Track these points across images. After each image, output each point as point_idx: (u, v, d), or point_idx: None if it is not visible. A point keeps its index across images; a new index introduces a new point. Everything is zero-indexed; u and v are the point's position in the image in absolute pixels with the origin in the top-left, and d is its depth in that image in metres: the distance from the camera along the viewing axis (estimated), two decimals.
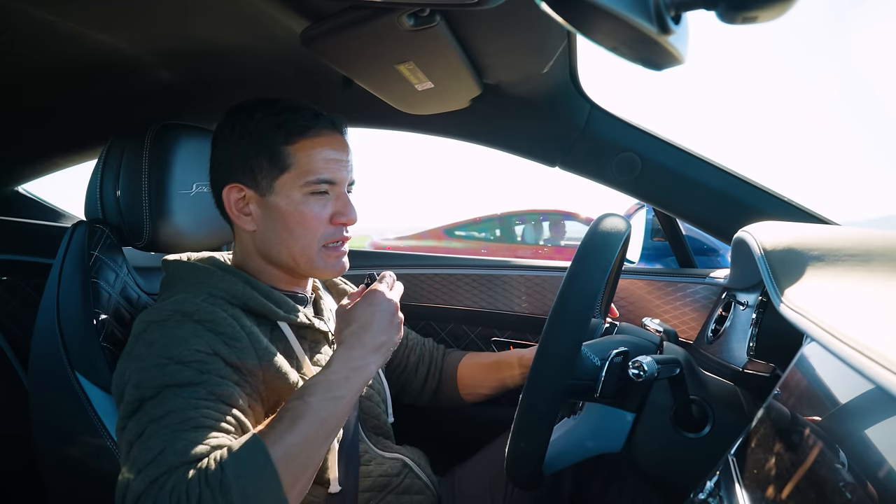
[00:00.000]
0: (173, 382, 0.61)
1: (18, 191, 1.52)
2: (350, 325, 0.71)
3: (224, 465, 0.54)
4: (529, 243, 5.45)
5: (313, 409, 0.62)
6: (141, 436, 0.58)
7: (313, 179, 0.74)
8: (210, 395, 0.61)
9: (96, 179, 0.86)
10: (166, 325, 0.66)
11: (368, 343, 0.69)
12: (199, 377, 0.62)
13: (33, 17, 0.71)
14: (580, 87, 1.01)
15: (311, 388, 0.64)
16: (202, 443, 0.57)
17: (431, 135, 1.16)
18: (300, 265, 0.77)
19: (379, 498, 0.82)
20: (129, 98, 1.05)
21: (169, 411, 0.59)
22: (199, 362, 0.63)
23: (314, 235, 0.75)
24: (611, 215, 0.68)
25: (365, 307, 0.72)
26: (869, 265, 0.52)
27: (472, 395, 1.04)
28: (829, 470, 0.36)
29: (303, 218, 0.74)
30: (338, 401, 0.64)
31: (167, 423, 0.58)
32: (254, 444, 0.57)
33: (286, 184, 0.74)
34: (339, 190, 0.77)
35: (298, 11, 0.69)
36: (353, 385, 0.66)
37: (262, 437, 0.58)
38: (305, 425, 0.60)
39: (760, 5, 0.32)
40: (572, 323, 0.60)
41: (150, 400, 0.60)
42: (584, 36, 0.37)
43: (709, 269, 1.19)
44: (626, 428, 0.68)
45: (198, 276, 0.75)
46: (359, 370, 0.67)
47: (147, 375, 0.62)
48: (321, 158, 0.75)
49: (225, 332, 0.67)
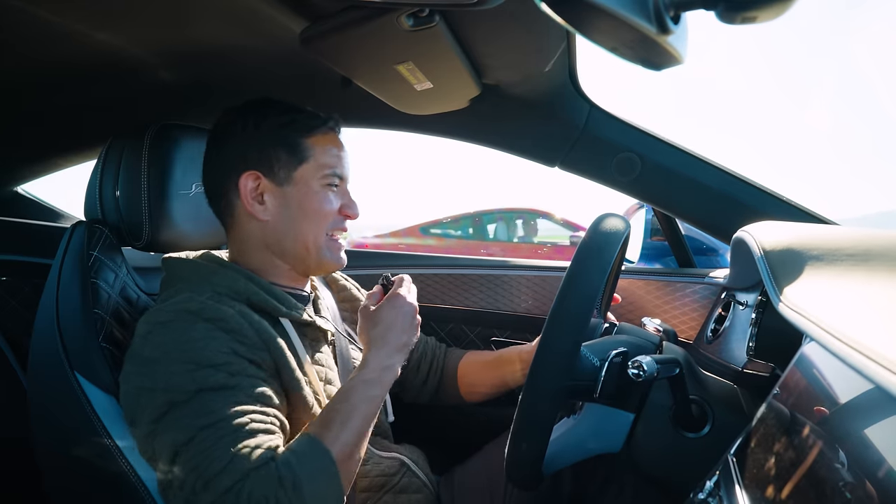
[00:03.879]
0: (207, 386, 0.62)
1: (18, 191, 1.52)
2: (377, 325, 0.76)
3: (294, 468, 0.58)
4: (501, 240, 5.70)
5: (358, 408, 0.67)
6: (191, 442, 0.59)
7: (329, 172, 0.78)
8: (248, 398, 0.63)
9: (96, 179, 0.86)
10: (175, 326, 0.66)
11: (393, 342, 0.74)
12: (232, 380, 0.63)
13: (32, 16, 0.71)
14: (580, 87, 1.01)
15: (353, 390, 0.69)
16: (264, 447, 0.60)
17: (431, 135, 1.16)
18: (310, 254, 0.79)
19: (377, 497, 0.82)
20: (129, 98, 1.05)
21: (218, 419, 0.60)
22: (227, 364, 0.64)
23: (325, 224, 0.79)
24: (610, 215, 0.68)
25: (389, 309, 0.77)
26: (868, 265, 0.52)
27: (473, 393, 1.04)
28: (829, 470, 0.36)
29: (320, 207, 0.78)
30: (375, 399, 0.70)
31: (222, 430, 0.59)
32: (317, 446, 0.62)
33: (305, 174, 0.77)
34: (345, 186, 0.82)
35: (298, 11, 0.69)
36: (385, 383, 0.72)
37: (321, 438, 0.63)
38: (356, 424, 0.66)
39: (759, 5, 0.32)
40: (571, 324, 0.60)
41: (183, 404, 0.61)
42: (584, 36, 0.37)
43: (708, 269, 1.19)
44: (625, 428, 0.68)
45: (200, 273, 0.75)
46: (388, 369, 0.73)
47: (178, 380, 0.62)
48: (333, 154, 0.79)
49: (235, 329, 0.67)
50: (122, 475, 0.71)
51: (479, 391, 1.04)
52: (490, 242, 5.69)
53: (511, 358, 1.00)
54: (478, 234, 5.79)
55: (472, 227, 5.81)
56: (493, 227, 5.78)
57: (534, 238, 5.73)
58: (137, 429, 0.65)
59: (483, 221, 5.80)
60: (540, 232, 5.76)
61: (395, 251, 3.85)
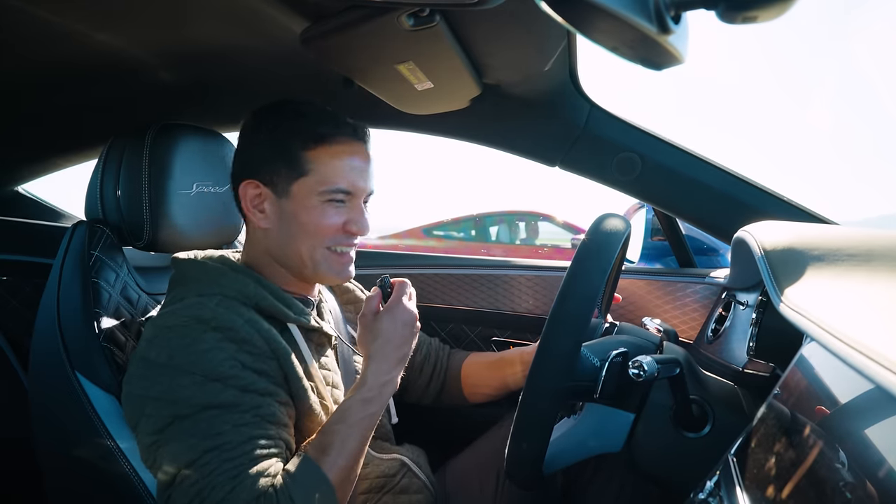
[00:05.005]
0: (215, 403, 0.62)
1: (18, 191, 1.52)
2: (376, 338, 0.74)
3: (294, 496, 0.60)
4: (504, 242, 5.78)
5: (356, 429, 0.68)
6: (195, 464, 0.60)
7: (330, 188, 0.74)
8: (255, 417, 0.64)
9: (96, 179, 0.86)
10: (184, 334, 0.65)
11: (393, 356, 0.73)
12: (241, 397, 0.63)
13: (32, 17, 0.71)
14: (580, 86, 1.01)
15: (351, 410, 0.69)
16: (265, 475, 0.61)
17: (431, 135, 1.16)
18: (307, 268, 0.77)
19: (377, 498, 0.82)
20: (130, 98, 1.05)
21: (223, 441, 0.61)
22: (235, 378, 0.64)
23: (322, 239, 0.76)
24: (610, 216, 0.68)
25: (389, 321, 0.74)
26: (869, 265, 0.52)
27: (476, 394, 1.04)
28: (829, 470, 0.36)
29: (317, 222, 0.74)
30: (373, 416, 0.70)
31: (226, 454, 0.60)
32: (315, 473, 0.63)
33: (303, 189, 0.74)
34: (356, 201, 0.77)
35: (298, 11, 0.69)
36: (384, 398, 0.72)
37: (319, 463, 0.64)
38: (352, 446, 0.67)
39: (760, 5, 0.32)
40: (572, 324, 0.60)
41: (188, 419, 0.61)
42: (584, 36, 0.37)
43: (709, 268, 1.19)
44: (626, 428, 0.68)
45: (210, 275, 0.74)
46: (387, 384, 0.73)
47: (185, 393, 0.62)
48: (340, 167, 0.74)
49: (244, 339, 0.67)
50: (123, 476, 0.71)
51: (482, 392, 1.04)
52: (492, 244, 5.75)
53: (512, 359, 1.00)
54: (480, 236, 5.84)
55: (473, 229, 5.86)
56: (496, 229, 5.85)
57: (535, 240, 5.81)
58: (139, 436, 0.65)
59: (485, 223, 5.85)
60: (541, 234, 5.83)
61: (396, 251, 3.86)
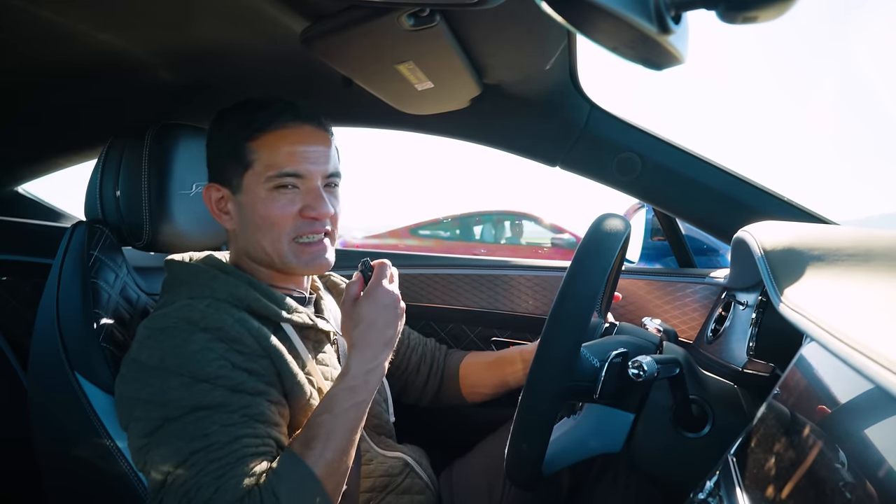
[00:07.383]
0: (204, 404, 0.62)
1: (18, 191, 1.52)
2: (358, 325, 0.71)
3: (278, 493, 0.59)
4: (487, 242, 5.88)
5: (341, 419, 0.66)
6: (182, 465, 0.59)
7: (275, 174, 0.72)
8: (243, 416, 0.63)
9: (96, 179, 0.86)
10: (174, 335, 0.65)
11: (377, 342, 0.71)
12: (230, 398, 0.63)
13: (34, 17, 0.71)
14: (580, 86, 1.01)
15: (335, 399, 0.67)
16: (250, 475, 0.60)
17: (431, 135, 1.16)
18: (275, 262, 0.76)
19: (380, 498, 0.82)
20: (129, 98, 1.05)
21: (210, 443, 0.60)
22: (225, 377, 0.64)
23: (281, 230, 0.74)
24: (610, 216, 0.68)
25: (369, 305, 0.72)
26: (869, 265, 0.52)
27: (475, 394, 1.04)
28: (829, 470, 0.36)
29: (268, 214, 0.73)
30: (360, 405, 0.68)
31: (212, 455, 0.60)
32: (300, 468, 0.61)
33: (252, 181, 0.74)
34: (310, 184, 0.74)
35: (298, 11, 0.69)
36: (371, 386, 0.70)
37: (303, 458, 0.62)
38: (339, 437, 0.65)
39: (760, 5, 0.32)
40: (571, 325, 0.60)
41: (176, 420, 0.61)
42: (584, 36, 0.37)
43: (709, 269, 1.19)
44: (625, 428, 0.68)
45: (201, 278, 0.74)
46: (373, 371, 0.70)
47: (174, 395, 0.62)
48: (285, 152, 0.72)
49: (233, 338, 0.67)
50: (122, 476, 0.71)
51: (481, 392, 1.03)
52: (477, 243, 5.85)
53: (512, 358, 1.00)
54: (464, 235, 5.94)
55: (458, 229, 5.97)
56: (480, 228, 5.96)
57: (521, 240, 5.92)
58: (130, 438, 0.65)
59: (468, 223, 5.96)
60: (526, 234, 5.94)
61: (396, 251, 3.87)
